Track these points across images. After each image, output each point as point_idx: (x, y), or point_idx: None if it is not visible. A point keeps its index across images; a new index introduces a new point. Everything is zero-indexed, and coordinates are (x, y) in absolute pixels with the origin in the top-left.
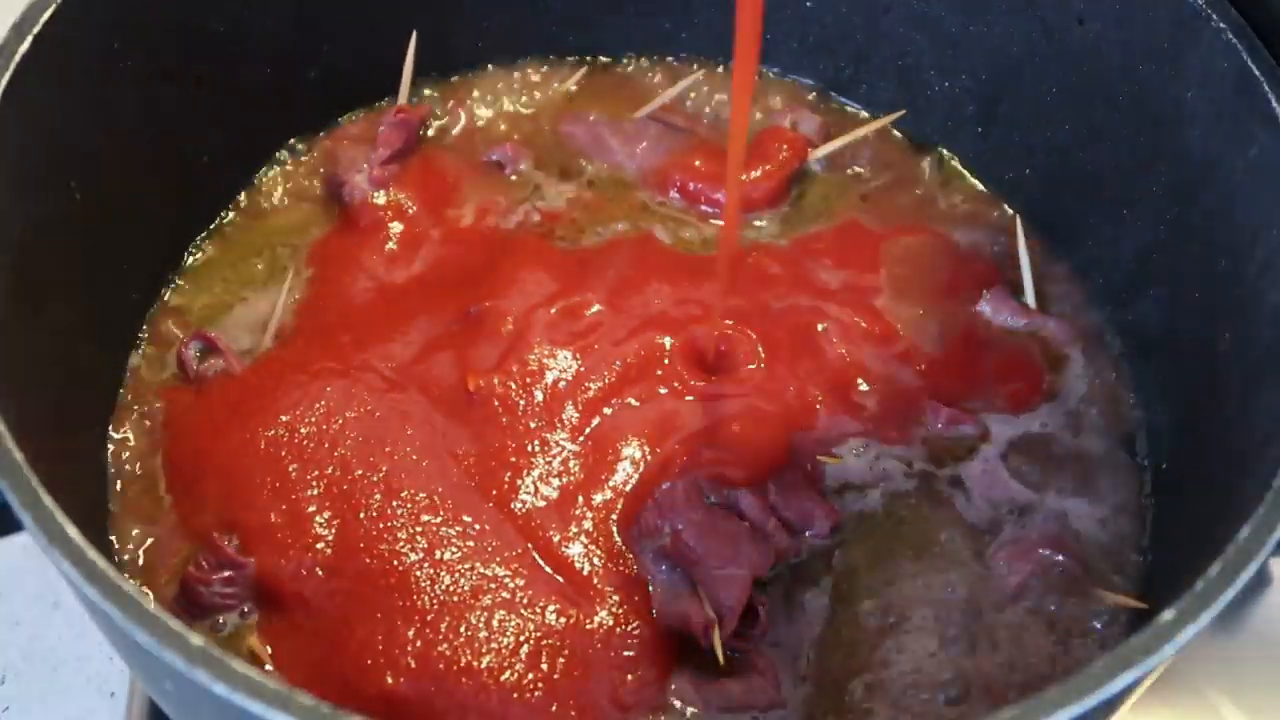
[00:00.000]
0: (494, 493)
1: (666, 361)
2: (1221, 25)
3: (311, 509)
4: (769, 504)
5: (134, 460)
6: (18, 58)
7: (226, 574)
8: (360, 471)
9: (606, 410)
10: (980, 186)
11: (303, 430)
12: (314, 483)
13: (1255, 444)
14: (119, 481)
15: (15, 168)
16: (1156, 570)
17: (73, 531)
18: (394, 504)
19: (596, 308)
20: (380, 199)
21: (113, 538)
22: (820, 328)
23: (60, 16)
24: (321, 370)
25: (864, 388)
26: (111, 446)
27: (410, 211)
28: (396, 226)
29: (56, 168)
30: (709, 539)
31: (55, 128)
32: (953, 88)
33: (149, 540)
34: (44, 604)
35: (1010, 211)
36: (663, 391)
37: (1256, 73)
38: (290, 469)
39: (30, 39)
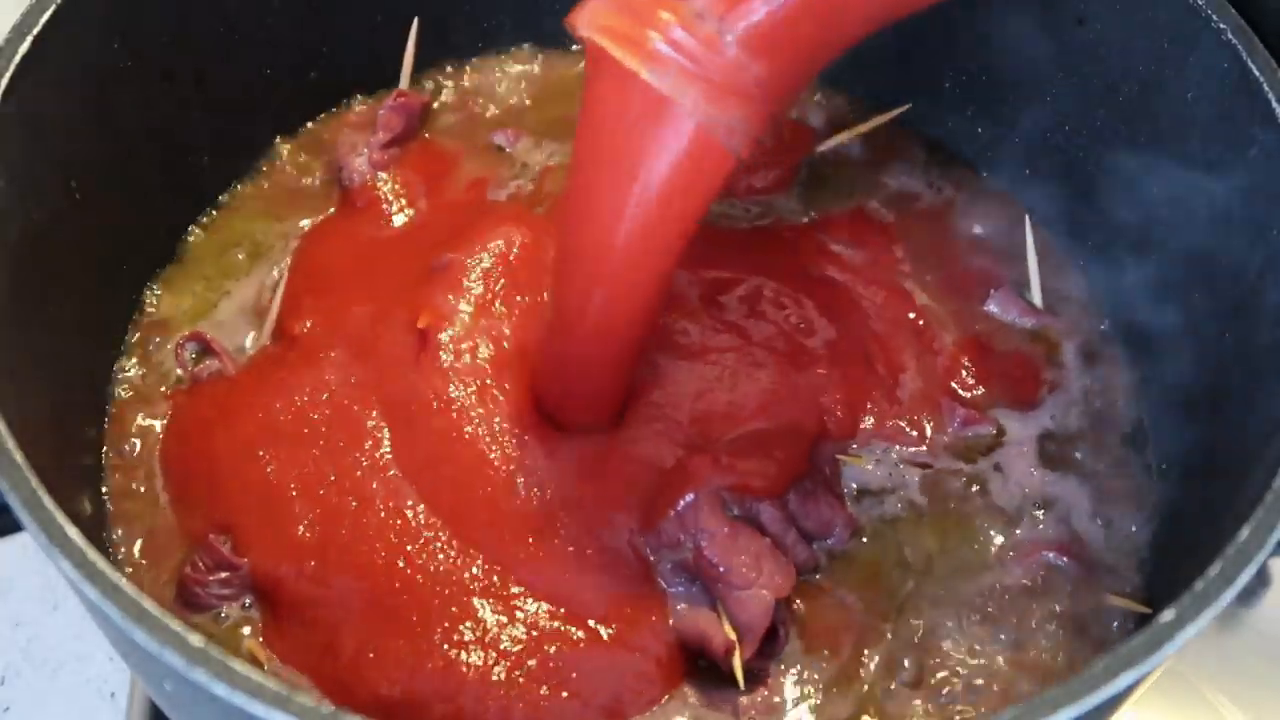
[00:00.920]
0: (456, 489)
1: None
2: (1221, 25)
3: (295, 511)
4: (789, 515)
5: (132, 460)
6: (18, 58)
7: (223, 575)
8: (333, 477)
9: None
10: (984, 184)
11: (281, 429)
12: (292, 485)
13: (1255, 444)
14: (117, 481)
15: (15, 168)
16: (1157, 570)
17: (73, 531)
18: (369, 510)
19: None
20: (378, 181)
21: (112, 537)
22: (862, 303)
23: (60, 17)
24: (298, 363)
25: (905, 380)
26: (109, 446)
27: (408, 194)
28: (394, 208)
29: (56, 168)
30: (732, 556)
31: (55, 128)
32: (954, 87)
33: (147, 540)
34: (44, 604)
35: (1018, 209)
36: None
37: (1256, 73)
38: (268, 470)
39: (30, 39)
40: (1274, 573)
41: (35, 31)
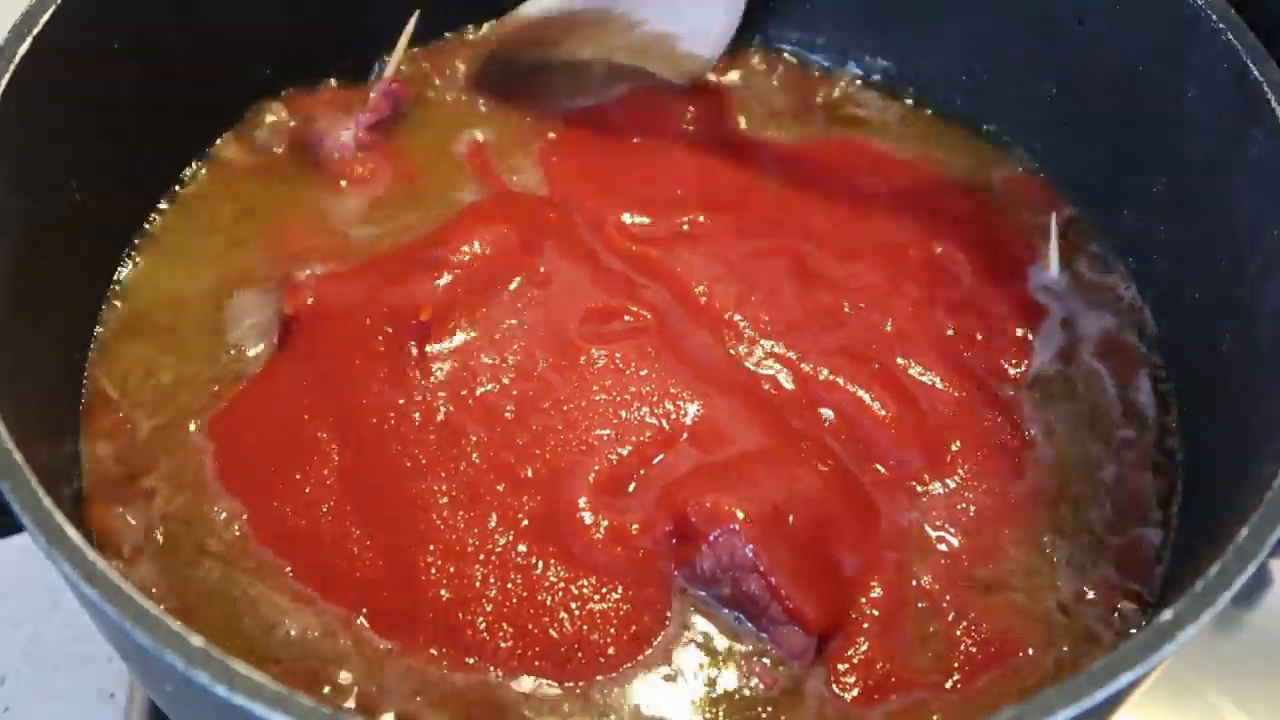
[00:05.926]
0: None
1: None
2: (1221, 25)
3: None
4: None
5: (127, 458)
6: (18, 58)
7: None
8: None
9: (582, 373)
10: None
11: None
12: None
13: (1255, 444)
14: (112, 479)
15: (15, 168)
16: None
17: (72, 532)
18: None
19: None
20: (361, 158)
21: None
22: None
23: (60, 17)
24: (276, 363)
25: None
26: (97, 444)
27: (387, 178)
28: (376, 188)
29: (56, 168)
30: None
31: (55, 128)
32: (952, 86)
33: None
34: (44, 604)
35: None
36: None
37: (1256, 73)
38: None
39: (30, 40)
40: (1274, 573)
41: (35, 31)
